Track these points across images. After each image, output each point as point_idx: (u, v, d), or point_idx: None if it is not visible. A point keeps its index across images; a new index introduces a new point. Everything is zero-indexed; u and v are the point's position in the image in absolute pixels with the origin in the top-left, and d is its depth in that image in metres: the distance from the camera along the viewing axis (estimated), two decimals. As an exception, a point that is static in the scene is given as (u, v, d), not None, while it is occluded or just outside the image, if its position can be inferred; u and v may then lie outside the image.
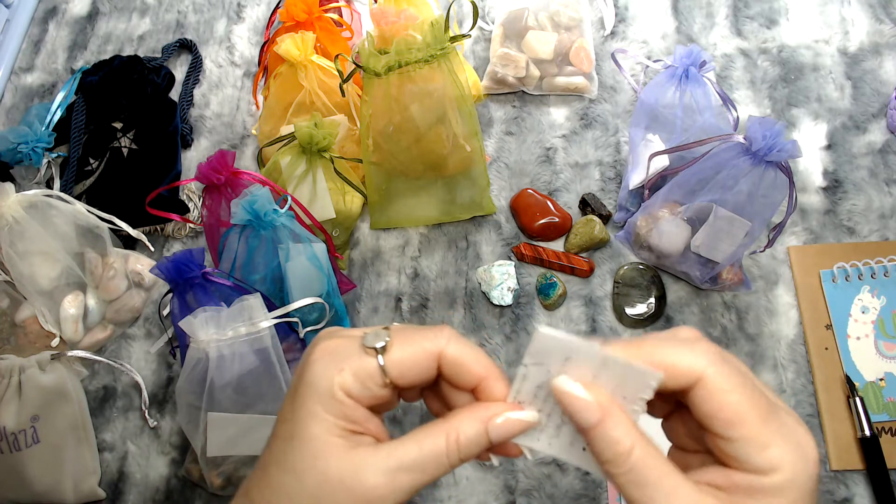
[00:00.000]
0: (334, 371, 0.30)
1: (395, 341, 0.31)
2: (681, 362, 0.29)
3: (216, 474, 0.68)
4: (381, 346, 0.31)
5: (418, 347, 0.31)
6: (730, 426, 0.28)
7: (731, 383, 0.29)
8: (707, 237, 0.70)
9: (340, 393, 0.30)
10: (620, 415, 0.29)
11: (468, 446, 0.30)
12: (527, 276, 0.79)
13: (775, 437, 0.28)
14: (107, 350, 0.80)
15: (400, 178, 0.79)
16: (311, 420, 0.30)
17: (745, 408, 0.28)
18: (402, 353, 0.31)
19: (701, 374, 0.29)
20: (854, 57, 0.88)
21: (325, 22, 0.81)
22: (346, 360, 0.30)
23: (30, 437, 0.70)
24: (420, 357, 0.31)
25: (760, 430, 0.28)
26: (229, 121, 0.92)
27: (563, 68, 0.87)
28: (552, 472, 0.70)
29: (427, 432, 0.31)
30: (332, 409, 0.30)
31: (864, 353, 0.72)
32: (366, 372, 0.30)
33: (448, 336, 0.32)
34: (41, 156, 0.85)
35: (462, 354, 0.31)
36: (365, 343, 0.31)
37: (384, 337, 0.31)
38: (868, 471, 0.67)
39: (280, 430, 0.32)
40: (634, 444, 0.29)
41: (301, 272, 0.69)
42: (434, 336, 0.32)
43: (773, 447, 0.28)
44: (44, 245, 0.74)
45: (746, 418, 0.28)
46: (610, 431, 0.29)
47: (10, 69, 1.00)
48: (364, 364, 0.30)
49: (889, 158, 0.82)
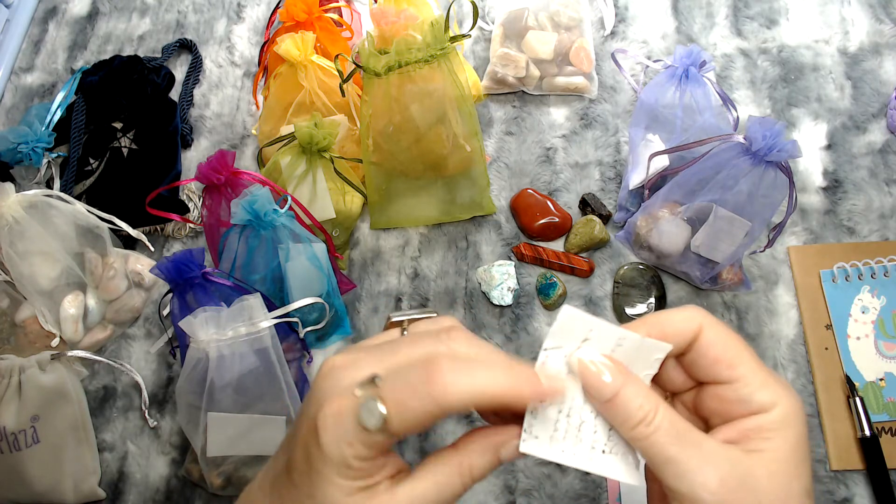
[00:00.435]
0: (344, 446, 0.29)
1: (390, 410, 0.29)
2: (680, 322, 0.32)
3: (216, 474, 0.68)
4: (379, 425, 0.29)
5: (418, 409, 0.29)
6: (732, 366, 0.31)
7: (727, 333, 0.32)
8: (707, 237, 0.70)
9: (356, 462, 0.30)
10: (638, 380, 0.32)
11: (481, 474, 0.32)
12: (527, 276, 0.79)
13: (769, 378, 0.31)
14: (107, 350, 0.80)
15: (400, 178, 0.79)
16: (328, 486, 0.30)
17: (742, 350, 0.32)
18: (403, 419, 0.29)
19: (699, 326, 0.32)
20: (854, 57, 0.88)
21: (325, 22, 0.81)
22: (351, 433, 0.29)
23: (30, 437, 0.70)
24: (423, 418, 0.29)
25: (758, 370, 0.31)
26: (229, 121, 0.92)
27: (563, 68, 0.87)
28: (552, 472, 0.70)
29: (439, 465, 0.31)
30: (348, 476, 0.30)
31: (864, 353, 0.72)
32: (374, 442, 0.30)
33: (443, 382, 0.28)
34: (41, 156, 0.85)
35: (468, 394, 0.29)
36: (362, 424, 0.29)
37: (378, 412, 0.29)
38: (868, 471, 0.67)
39: (298, 482, 0.31)
40: (659, 405, 0.31)
41: (301, 272, 0.69)
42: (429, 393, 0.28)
43: (771, 385, 0.31)
44: (44, 245, 0.74)
45: (746, 358, 0.32)
46: (633, 395, 0.31)
47: (10, 69, 1.00)
48: (370, 437, 0.29)
49: (889, 158, 0.82)
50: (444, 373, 0.28)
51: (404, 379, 0.29)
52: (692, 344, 0.32)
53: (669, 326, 0.32)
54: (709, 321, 0.32)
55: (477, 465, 0.31)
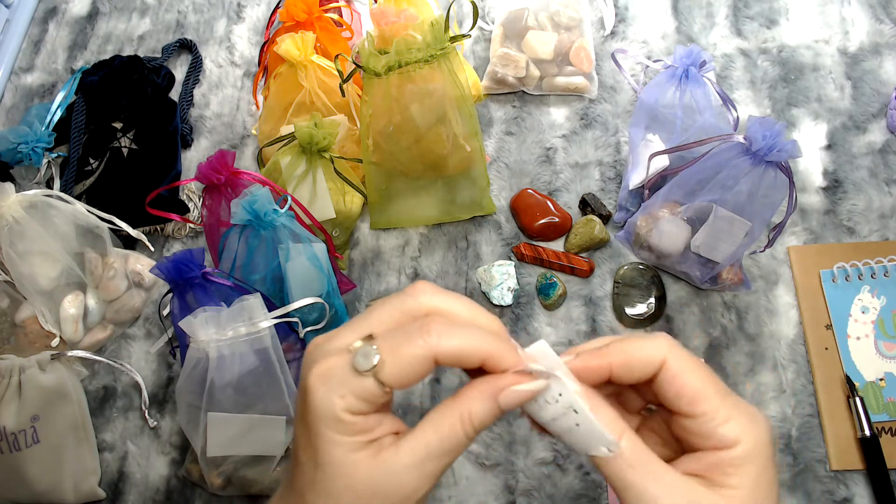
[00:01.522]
0: (336, 398, 0.30)
1: (384, 355, 0.30)
2: (644, 352, 0.32)
3: (216, 474, 0.68)
4: (373, 366, 0.30)
5: (410, 358, 0.30)
6: (693, 402, 0.31)
7: (690, 365, 0.32)
8: (707, 237, 0.70)
9: (349, 416, 0.30)
10: (606, 406, 0.32)
11: (482, 421, 0.32)
12: (527, 276, 0.79)
13: (733, 411, 0.31)
14: (107, 350, 0.80)
15: (400, 178, 0.79)
16: (329, 446, 0.31)
17: (705, 385, 0.32)
18: (395, 367, 0.30)
19: (663, 358, 0.32)
20: (854, 57, 0.88)
21: (325, 22, 0.81)
22: (344, 384, 0.30)
23: (30, 437, 0.70)
24: (414, 367, 0.31)
25: (720, 406, 0.31)
26: (229, 121, 0.92)
27: (563, 68, 0.87)
28: (552, 472, 0.70)
29: (441, 415, 0.32)
30: (345, 431, 0.30)
31: (864, 353, 0.72)
32: (367, 391, 0.30)
33: (438, 334, 0.31)
34: (41, 156, 0.85)
35: (457, 348, 0.31)
36: (356, 367, 0.30)
37: (372, 355, 0.30)
38: (868, 471, 0.67)
39: (303, 458, 0.32)
40: (623, 432, 0.31)
41: (301, 272, 0.69)
42: (423, 341, 0.30)
43: (733, 420, 0.31)
44: (44, 245, 0.74)
45: (707, 394, 0.31)
46: (600, 420, 0.31)
47: (10, 69, 1.00)
48: (362, 384, 0.30)
49: (889, 158, 0.82)
50: (440, 325, 0.31)
51: (402, 331, 0.31)
52: (657, 374, 0.32)
53: (635, 355, 0.32)
54: (674, 353, 0.32)
55: (477, 412, 0.31)
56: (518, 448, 0.71)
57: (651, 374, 0.32)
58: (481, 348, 0.31)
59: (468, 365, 0.32)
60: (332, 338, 0.33)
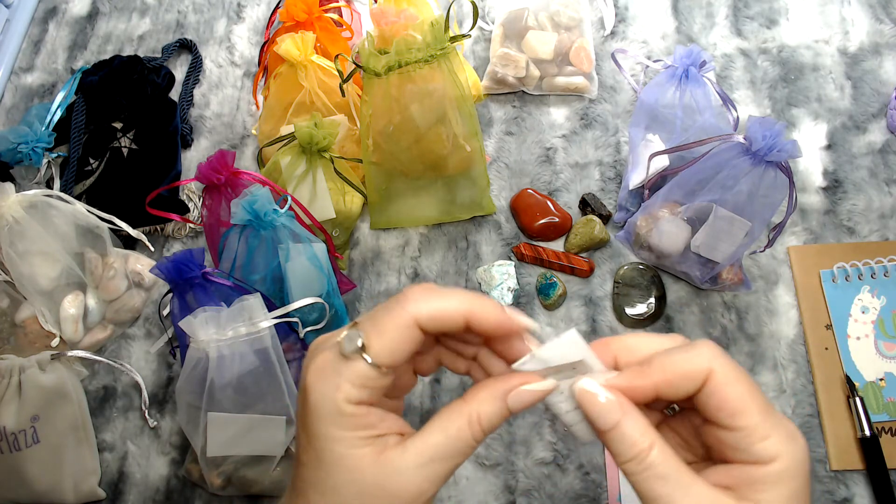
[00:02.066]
0: (332, 390, 0.30)
1: (369, 334, 0.30)
2: (689, 366, 0.31)
3: (216, 474, 0.68)
4: (359, 346, 0.30)
5: (392, 329, 0.30)
6: (735, 416, 0.30)
7: (735, 377, 0.31)
8: (707, 237, 0.70)
9: (348, 407, 0.30)
10: (638, 414, 0.31)
11: (490, 423, 0.31)
12: (527, 276, 0.79)
13: (773, 429, 0.30)
14: (107, 350, 0.80)
15: (400, 178, 0.79)
16: (331, 443, 0.30)
17: (748, 399, 0.30)
18: (381, 342, 0.30)
19: (709, 369, 0.31)
20: (854, 57, 0.88)
21: (325, 22, 0.81)
22: (337, 374, 0.30)
23: (30, 437, 0.70)
24: (399, 337, 0.31)
25: (761, 421, 0.30)
26: (229, 121, 0.92)
27: (563, 68, 0.87)
28: (552, 472, 0.70)
29: (449, 417, 0.31)
30: (346, 425, 0.30)
31: (864, 353, 0.72)
32: (360, 376, 0.30)
33: (414, 299, 0.31)
34: (41, 156, 0.85)
35: (435, 309, 0.31)
36: (343, 352, 0.30)
37: (357, 338, 0.30)
38: (868, 471, 0.67)
39: (305, 458, 0.32)
40: (654, 443, 0.30)
41: (301, 272, 0.69)
42: (400, 307, 0.31)
43: (772, 437, 0.30)
44: (44, 245, 0.74)
45: (750, 408, 0.30)
46: (630, 431, 0.30)
47: (10, 69, 1.00)
48: (355, 370, 0.30)
49: (889, 158, 0.82)
50: (417, 292, 0.31)
51: (381, 308, 0.31)
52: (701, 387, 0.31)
53: (680, 371, 0.31)
54: (719, 364, 0.31)
55: (485, 413, 0.31)
56: (518, 448, 0.71)
57: (696, 390, 0.31)
58: (460, 306, 0.31)
59: (452, 326, 0.31)
60: (329, 335, 0.33)
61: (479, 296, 0.32)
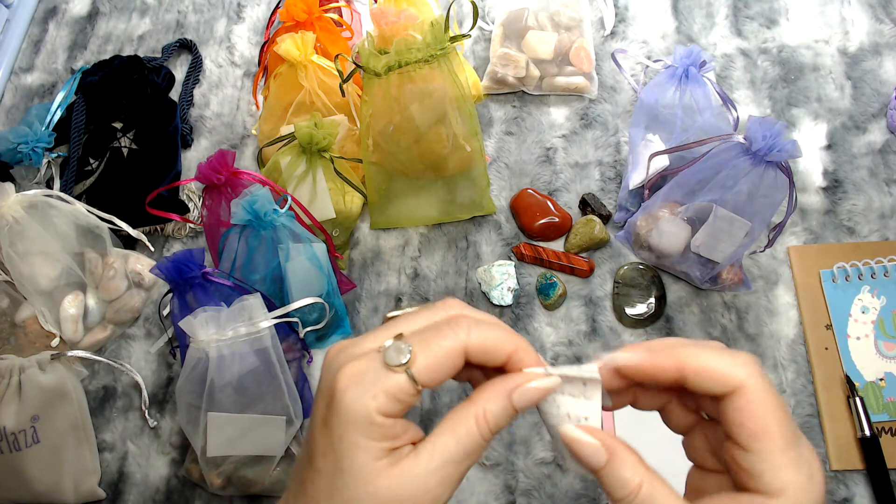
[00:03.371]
0: (368, 398, 0.30)
1: (416, 350, 0.31)
2: (725, 369, 0.30)
3: (216, 474, 0.68)
4: (406, 360, 0.30)
5: (441, 350, 0.31)
6: (755, 437, 0.29)
7: (766, 398, 0.30)
8: (707, 237, 0.70)
9: (380, 418, 0.30)
10: (626, 453, 0.31)
11: (497, 421, 0.32)
12: (527, 276, 0.79)
13: (791, 463, 0.29)
14: (107, 350, 0.80)
15: (400, 178, 0.79)
16: (355, 451, 0.30)
17: (774, 426, 0.29)
18: (428, 360, 0.30)
19: (742, 383, 0.30)
20: (854, 57, 0.88)
21: (325, 22, 0.81)
22: (376, 383, 0.30)
23: (30, 437, 0.70)
24: (446, 359, 0.31)
25: (780, 451, 0.29)
26: (229, 121, 0.92)
27: (563, 68, 0.87)
28: (552, 472, 0.70)
29: (457, 419, 0.31)
30: (374, 435, 0.30)
31: (864, 353, 0.72)
32: (399, 389, 0.30)
33: (467, 326, 0.31)
34: (41, 156, 0.85)
35: (486, 340, 0.31)
36: (389, 362, 0.30)
37: (405, 350, 0.30)
38: (868, 471, 0.67)
39: (321, 465, 0.31)
40: (643, 482, 0.30)
41: (301, 272, 0.69)
42: (453, 332, 0.31)
43: (787, 470, 0.29)
44: (44, 245, 0.74)
45: (772, 434, 0.29)
46: (617, 471, 0.30)
47: (10, 69, 1.00)
48: (395, 382, 0.30)
49: (889, 158, 0.82)
50: (469, 321, 0.32)
51: (430, 326, 0.32)
52: (730, 395, 0.30)
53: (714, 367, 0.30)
54: (755, 382, 0.30)
55: (492, 412, 0.31)
56: (518, 448, 0.71)
57: (722, 393, 0.30)
58: (507, 343, 0.32)
59: (494, 360, 0.32)
60: (357, 342, 0.33)
61: (517, 335, 0.33)
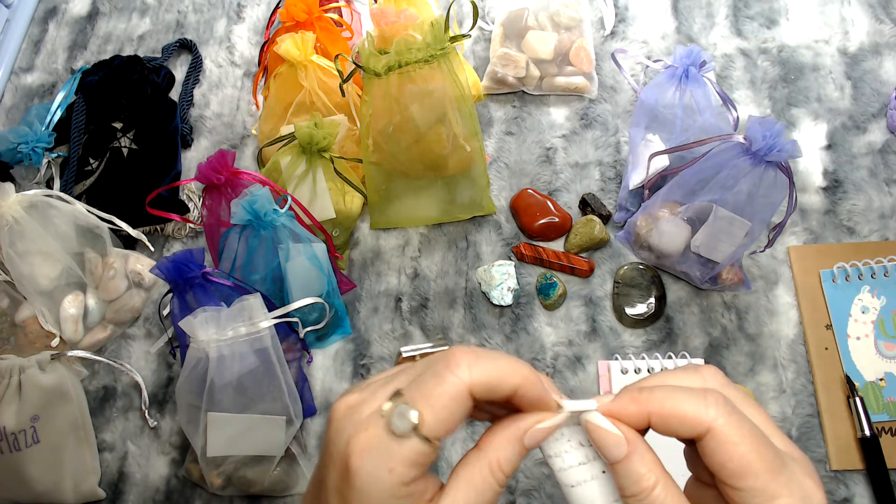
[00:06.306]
0: (384, 473, 0.29)
1: (420, 408, 0.29)
2: (690, 412, 0.29)
3: (216, 474, 0.68)
4: (413, 425, 0.29)
5: (446, 398, 0.29)
6: (738, 477, 0.29)
7: (741, 435, 0.29)
8: (707, 237, 0.70)
9: (403, 489, 0.29)
10: (646, 451, 0.30)
11: (511, 466, 0.31)
12: (527, 276, 0.79)
13: (784, 489, 0.28)
14: (107, 350, 0.80)
15: (400, 178, 0.79)
16: None
17: (753, 459, 0.29)
18: (435, 414, 0.29)
19: (710, 425, 0.29)
20: (854, 57, 0.88)
21: (325, 22, 0.81)
22: (388, 455, 0.29)
23: (30, 437, 0.70)
24: (453, 405, 0.29)
25: (769, 481, 0.28)
26: (229, 121, 0.92)
27: (563, 68, 0.87)
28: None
29: (471, 470, 0.31)
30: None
31: (864, 353, 0.72)
32: (415, 454, 0.29)
33: (467, 365, 0.29)
34: (41, 156, 0.85)
35: (489, 375, 0.30)
36: (395, 431, 0.29)
37: (407, 412, 0.29)
38: (868, 471, 0.67)
39: None
40: (658, 481, 0.29)
41: (301, 272, 0.69)
42: (453, 375, 0.29)
43: (781, 498, 0.28)
44: (44, 245, 0.74)
45: (754, 470, 0.28)
46: (636, 466, 0.30)
47: (10, 69, 1.00)
48: (409, 448, 0.29)
49: (889, 158, 0.82)
50: (465, 356, 0.30)
51: (428, 375, 0.30)
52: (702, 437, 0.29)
53: (676, 410, 0.30)
54: (724, 420, 0.29)
55: (505, 458, 0.31)
56: (518, 448, 0.71)
57: (695, 438, 0.29)
58: (514, 374, 0.30)
59: (501, 394, 0.30)
60: (365, 399, 0.31)
61: (524, 364, 0.31)
